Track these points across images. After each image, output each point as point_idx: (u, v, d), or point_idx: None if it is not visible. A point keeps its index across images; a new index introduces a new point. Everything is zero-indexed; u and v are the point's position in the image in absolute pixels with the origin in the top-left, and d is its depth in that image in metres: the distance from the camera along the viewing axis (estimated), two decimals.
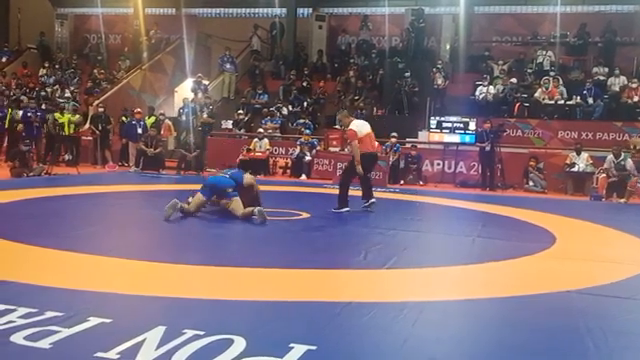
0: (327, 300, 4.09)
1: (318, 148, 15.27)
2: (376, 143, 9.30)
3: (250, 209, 7.48)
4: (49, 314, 3.41)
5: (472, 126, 14.15)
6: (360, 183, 8.81)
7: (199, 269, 4.87)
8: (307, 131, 15.74)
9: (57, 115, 15.31)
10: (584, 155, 13.36)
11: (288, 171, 15.31)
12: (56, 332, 3.15)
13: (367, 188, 8.80)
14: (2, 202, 8.10)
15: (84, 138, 15.90)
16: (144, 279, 4.53)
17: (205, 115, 16.70)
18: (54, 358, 2.89)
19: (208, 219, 7.48)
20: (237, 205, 7.51)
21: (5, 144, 15.85)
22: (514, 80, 16.69)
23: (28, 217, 7.15)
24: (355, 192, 8.90)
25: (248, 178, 8.01)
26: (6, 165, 13.16)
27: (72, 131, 15.37)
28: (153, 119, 16.04)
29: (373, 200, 8.71)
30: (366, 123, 8.89)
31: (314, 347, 3.09)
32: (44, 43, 22.52)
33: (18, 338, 3.05)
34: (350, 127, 8.63)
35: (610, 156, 12.55)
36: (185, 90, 18.29)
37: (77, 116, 15.79)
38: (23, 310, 3.45)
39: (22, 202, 8.40)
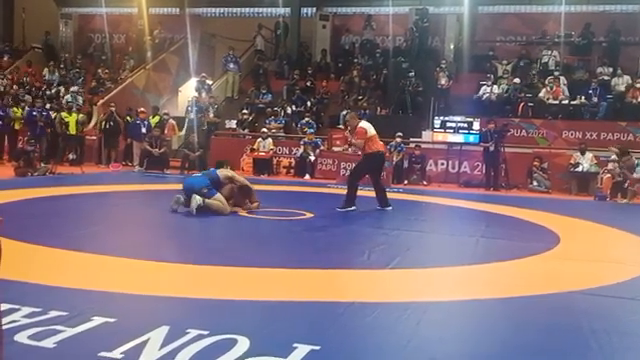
0: (330, 300, 4.09)
1: (322, 148, 15.27)
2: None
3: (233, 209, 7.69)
4: (53, 313, 3.43)
5: (476, 126, 14.13)
6: (375, 191, 8.95)
7: (203, 269, 4.88)
8: (310, 130, 15.74)
9: (64, 114, 15.37)
10: (588, 155, 13.32)
11: (292, 171, 15.31)
12: (60, 331, 3.16)
13: (382, 195, 8.94)
14: (7, 202, 8.12)
15: (88, 138, 15.92)
16: (148, 279, 4.54)
17: (212, 115, 16.74)
18: (58, 357, 2.90)
19: (212, 219, 7.49)
20: (216, 202, 7.62)
21: (6, 143, 15.91)
22: (517, 80, 16.65)
23: (32, 216, 7.17)
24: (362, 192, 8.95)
25: (223, 172, 8.12)
26: (10, 165, 13.20)
27: (77, 131, 15.45)
28: (157, 119, 16.06)
29: (390, 207, 8.83)
30: (371, 126, 9.05)
31: (318, 347, 3.09)
32: (49, 42, 22.56)
33: (22, 337, 3.06)
34: (360, 126, 8.81)
35: (613, 156, 12.53)
36: (189, 90, 18.31)
37: (81, 115, 15.85)
38: (27, 309, 3.46)
39: (26, 201, 8.42)
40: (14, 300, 3.54)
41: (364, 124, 8.94)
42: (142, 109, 15.78)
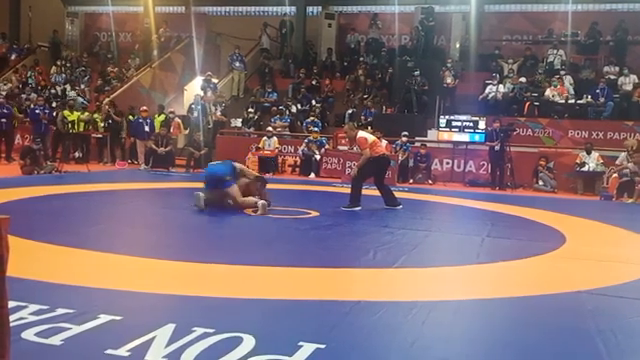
0: (336, 299, 4.09)
1: (327, 147, 15.27)
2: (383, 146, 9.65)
3: (253, 200, 7.64)
4: (60, 311, 3.44)
5: (482, 125, 14.10)
6: (381, 193, 8.99)
7: (208, 267, 4.88)
8: (315, 128, 15.74)
9: (66, 113, 15.42)
10: (594, 154, 13.28)
11: (297, 170, 15.32)
12: (67, 329, 3.17)
13: (389, 195, 8.99)
14: (13, 200, 8.15)
15: (93, 136, 15.98)
16: (154, 277, 4.55)
17: (219, 113, 16.76)
18: (65, 355, 2.91)
19: (218, 217, 7.50)
20: (235, 191, 7.80)
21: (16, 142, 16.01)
22: (523, 79, 16.61)
23: (39, 214, 7.21)
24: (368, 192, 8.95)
25: (237, 164, 8.41)
26: (17, 163, 13.25)
27: (82, 129, 15.51)
28: (163, 117, 16.09)
29: (400, 206, 8.89)
30: (369, 134, 9.46)
31: (323, 346, 3.09)
32: (56, 41, 22.63)
33: (29, 335, 3.07)
34: (359, 136, 8.97)
35: (624, 154, 12.50)
36: (194, 88, 18.33)
37: (86, 114, 15.90)
38: (34, 307, 3.48)
39: (33, 199, 8.45)
40: (21, 297, 3.55)
41: (362, 133, 9.22)
42: (144, 108, 15.75)
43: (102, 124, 15.90)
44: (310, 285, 4.54)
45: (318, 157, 14.84)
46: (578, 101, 15.81)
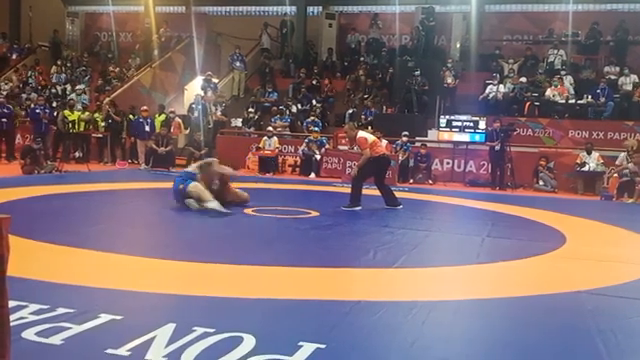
0: (336, 299, 4.09)
1: (327, 147, 15.27)
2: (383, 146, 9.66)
3: (207, 199, 7.72)
4: (60, 311, 3.44)
5: (482, 125, 14.10)
6: (381, 193, 9.00)
7: (209, 267, 4.89)
8: (315, 128, 15.75)
9: (66, 112, 15.43)
10: (595, 154, 13.28)
11: (297, 169, 15.32)
12: (67, 328, 3.18)
13: (389, 195, 9.00)
14: (14, 199, 8.16)
15: (94, 136, 15.99)
16: (154, 276, 4.55)
17: (219, 113, 16.76)
18: (65, 354, 2.91)
19: (218, 217, 7.50)
20: (192, 188, 7.82)
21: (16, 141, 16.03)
22: (524, 79, 16.61)
23: (39, 214, 7.21)
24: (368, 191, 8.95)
25: (192, 165, 8.63)
26: (17, 162, 13.26)
27: (82, 128, 15.52)
28: (163, 117, 16.09)
29: (400, 206, 8.89)
30: (370, 134, 9.50)
31: (323, 346, 3.10)
32: (56, 41, 22.64)
33: (29, 334, 3.08)
34: (359, 136, 9.00)
35: (624, 154, 12.50)
36: (195, 88, 18.33)
37: (87, 113, 15.92)
38: (35, 306, 3.48)
39: (33, 199, 8.46)
40: (22, 297, 3.55)
41: (362, 133, 9.26)
42: (144, 107, 15.74)
43: (102, 124, 15.95)
44: (310, 285, 4.54)
45: (318, 157, 14.84)
46: (578, 101, 15.80)
